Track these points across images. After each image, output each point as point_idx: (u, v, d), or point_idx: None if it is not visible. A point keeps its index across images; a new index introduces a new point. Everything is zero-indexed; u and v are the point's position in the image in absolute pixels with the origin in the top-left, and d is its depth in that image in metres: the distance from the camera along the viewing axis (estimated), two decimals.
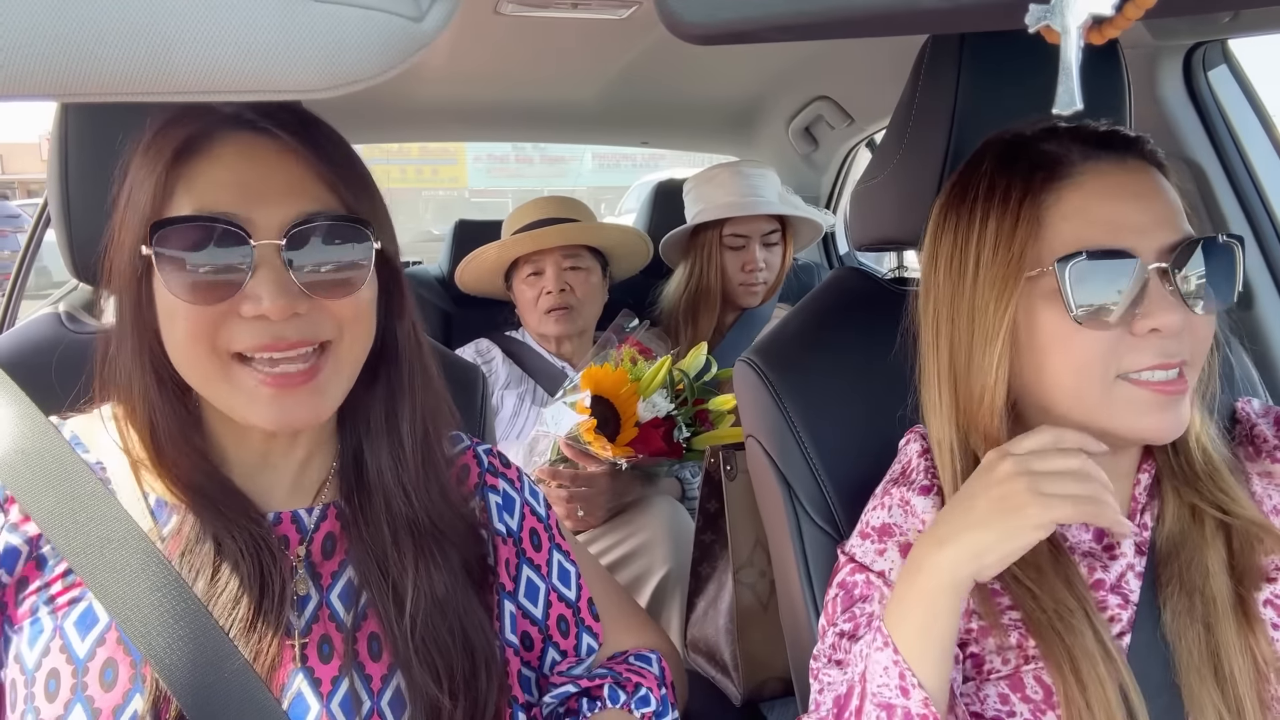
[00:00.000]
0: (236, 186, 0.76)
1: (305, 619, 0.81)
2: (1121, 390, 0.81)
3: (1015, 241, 0.83)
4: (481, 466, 0.97)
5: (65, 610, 0.77)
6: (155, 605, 0.74)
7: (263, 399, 0.76)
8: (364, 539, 0.84)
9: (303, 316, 0.76)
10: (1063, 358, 0.83)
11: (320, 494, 0.87)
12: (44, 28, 0.37)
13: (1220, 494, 0.85)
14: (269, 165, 0.77)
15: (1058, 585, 0.82)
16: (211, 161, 0.76)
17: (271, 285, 0.74)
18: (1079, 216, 0.82)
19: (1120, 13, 0.45)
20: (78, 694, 0.74)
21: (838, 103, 2.39)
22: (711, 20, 0.51)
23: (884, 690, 0.78)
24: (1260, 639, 0.81)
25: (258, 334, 0.75)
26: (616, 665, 0.97)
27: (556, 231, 2.04)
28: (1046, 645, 0.80)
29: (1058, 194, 0.83)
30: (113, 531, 0.75)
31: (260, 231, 0.75)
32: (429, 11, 0.43)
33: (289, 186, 0.77)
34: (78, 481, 0.76)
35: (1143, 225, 0.81)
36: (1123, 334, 0.80)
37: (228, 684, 0.73)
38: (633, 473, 1.75)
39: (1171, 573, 0.84)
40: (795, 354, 1.12)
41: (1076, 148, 0.85)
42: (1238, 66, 1.52)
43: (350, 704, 0.79)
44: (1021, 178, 0.84)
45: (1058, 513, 0.75)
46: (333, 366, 0.79)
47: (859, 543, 0.93)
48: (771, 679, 1.31)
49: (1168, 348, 0.80)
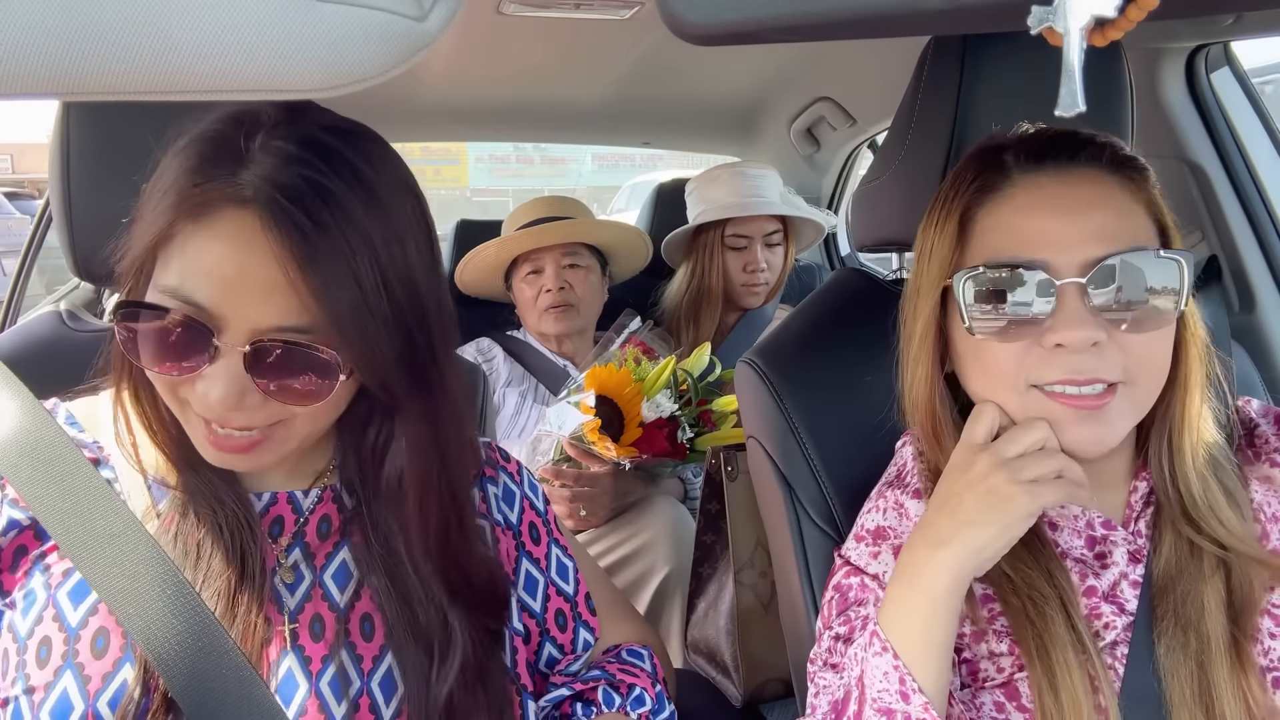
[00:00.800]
0: (219, 279, 0.71)
1: (298, 599, 0.82)
2: (1035, 400, 0.81)
3: (940, 250, 0.86)
4: (481, 460, 0.97)
5: (60, 581, 0.77)
6: (146, 586, 0.75)
7: (205, 447, 0.77)
8: (368, 532, 0.84)
9: (251, 409, 0.74)
10: (976, 365, 0.85)
11: (319, 480, 0.88)
12: (46, 26, 0.37)
13: (1220, 528, 0.84)
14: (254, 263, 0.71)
15: (1035, 574, 0.82)
16: (209, 236, 0.72)
17: (224, 381, 0.72)
18: (999, 230, 0.83)
19: (1123, 14, 0.45)
20: (68, 661, 0.74)
21: (840, 104, 2.39)
22: (713, 21, 0.51)
23: (884, 695, 0.78)
24: (1253, 684, 0.80)
25: (206, 409, 0.74)
26: (609, 665, 0.97)
27: (555, 228, 2.05)
28: (1019, 632, 0.81)
29: (988, 207, 0.85)
30: (106, 520, 0.76)
31: (229, 333, 0.72)
32: (431, 11, 0.43)
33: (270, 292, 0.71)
34: (73, 470, 0.77)
35: (1067, 239, 0.80)
36: (1031, 346, 0.81)
37: (213, 663, 0.74)
38: (636, 473, 1.75)
39: (1167, 606, 0.83)
40: (797, 355, 1.12)
41: (1018, 160, 0.85)
42: (1240, 68, 1.52)
43: (339, 684, 0.79)
44: (964, 187, 0.86)
45: (1046, 498, 0.78)
46: (282, 436, 0.78)
47: (854, 545, 0.93)
48: (772, 680, 1.31)
49: (1076, 364, 0.79)
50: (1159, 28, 1.39)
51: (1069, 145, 0.85)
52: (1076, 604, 0.82)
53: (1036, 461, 0.79)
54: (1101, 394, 0.79)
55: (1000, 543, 0.78)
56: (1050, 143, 0.85)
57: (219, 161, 0.72)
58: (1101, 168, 0.84)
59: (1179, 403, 0.85)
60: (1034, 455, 0.79)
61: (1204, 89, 1.50)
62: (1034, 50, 0.55)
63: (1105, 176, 0.83)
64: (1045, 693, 0.78)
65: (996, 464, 0.79)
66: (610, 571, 1.69)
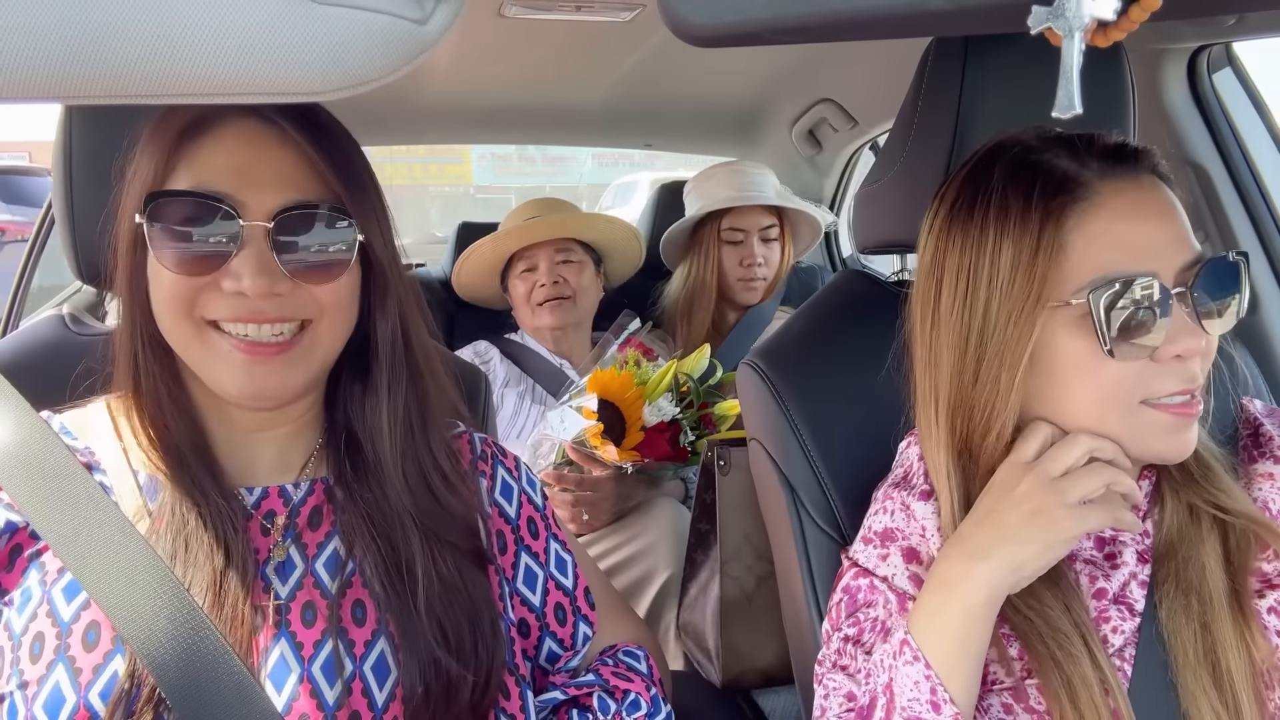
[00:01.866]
0: (233, 169, 0.79)
1: (290, 586, 0.83)
2: (1143, 415, 0.80)
3: (1037, 267, 0.79)
4: (474, 452, 0.98)
5: (55, 578, 0.78)
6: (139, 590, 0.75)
7: (237, 365, 0.80)
8: (358, 515, 0.86)
9: (283, 296, 0.80)
10: (1086, 386, 0.81)
11: (305, 469, 0.90)
12: (48, 30, 0.37)
13: (1218, 491, 0.85)
14: (267, 152, 0.80)
15: (1055, 611, 0.81)
16: (214, 143, 0.80)
17: (254, 264, 0.78)
18: (1102, 240, 0.79)
19: (1124, 16, 0.45)
20: (60, 654, 0.75)
21: (841, 105, 2.39)
22: (715, 22, 0.51)
23: (914, 704, 0.77)
24: (1256, 634, 0.80)
25: (235, 307, 0.79)
26: (604, 669, 0.97)
27: (548, 223, 2.08)
28: (1044, 673, 0.80)
29: (1079, 216, 0.79)
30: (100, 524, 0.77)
31: (250, 213, 0.78)
32: (433, 14, 0.43)
33: (283, 174, 0.80)
34: (67, 475, 0.78)
35: (1162, 246, 0.79)
36: (1148, 361, 0.79)
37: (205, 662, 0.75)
38: (637, 476, 1.75)
39: (1168, 571, 0.84)
40: (799, 357, 1.12)
41: (1092, 164, 0.81)
42: (1242, 69, 1.52)
43: (332, 667, 0.80)
44: (1041, 198, 0.80)
45: (1091, 522, 0.77)
46: (309, 342, 0.83)
47: (862, 548, 0.93)
48: (750, 670, 1.33)
49: (1190, 372, 0.79)
50: (1161, 28, 1.39)
51: (1130, 151, 0.83)
52: (1096, 639, 0.81)
53: (1082, 480, 0.77)
54: (1193, 400, 0.80)
55: (1040, 562, 0.77)
56: (1114, 148, 0.83)
57: None
58: (1156, 175, 0.83)
59: None
60: (1079, 473, 0.78)
61: (1206, 90, 1.50)
62: (1036, 51, 0.55)
63: (1160, 182, 0.83)
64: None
65: (1042, 483, 0.78)
66: (611, 573, 1.69)
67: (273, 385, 0.81)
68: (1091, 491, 0.77)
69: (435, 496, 0.88)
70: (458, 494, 0.90)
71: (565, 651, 0.98)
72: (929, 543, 0.88)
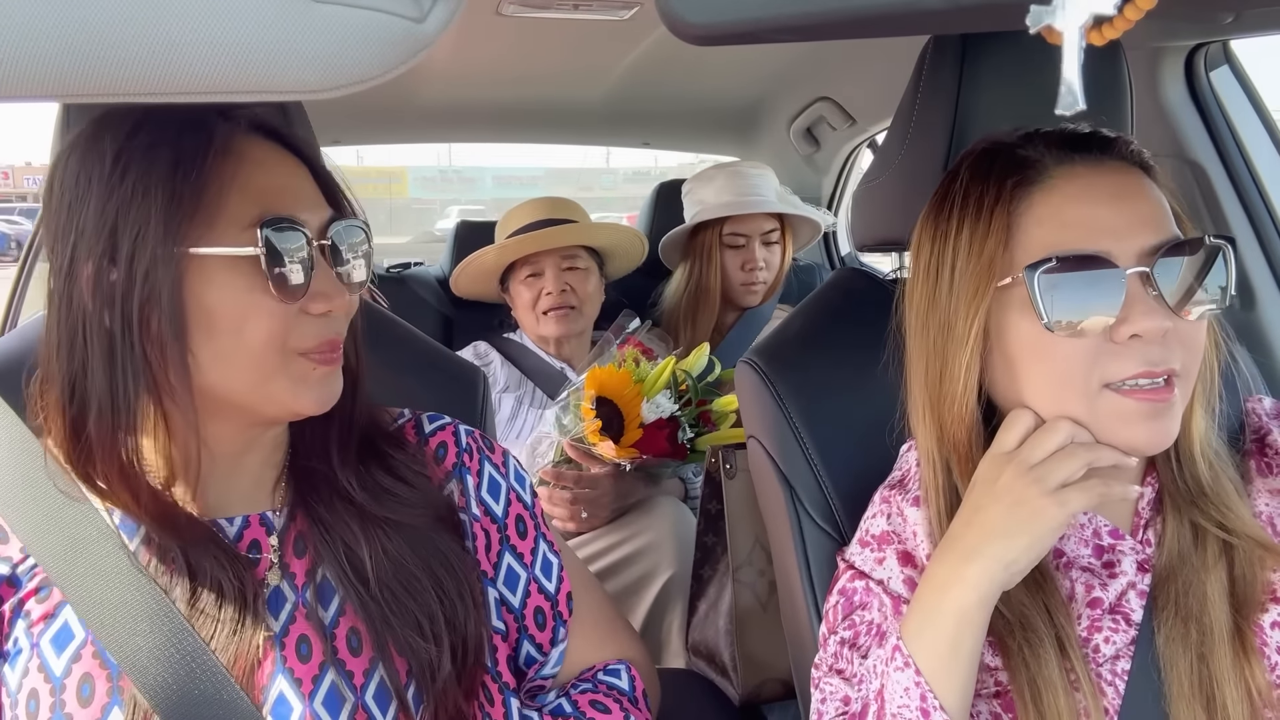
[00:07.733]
0: (282, 190, 0.78)
1: (282, 620, 0.80)
2: (1106, 400, 0.78)
3: (986, 249, 0.81)
4: (459, 446, 0.95)
5: (41, 627, 0.76)
6: (129, 608, 0.74)
7: (308, 385, 0.80)
8: (326, 530, 0.84)
9: (348, 306, 0.82)
10: (1041, 367, 0.80)
11: (277, 492, 0.86)
12: (46, 29, 0.37)
13: (1225, 510, 0.83)
14: (296, 173, 0.81)
15: (1032, 612, 0.80)
16: (253, 167, 0.77)
17: (329, 282, 0.79)
18: (1052, 221, 0.80)
19: (1121, 13, 0.45)
20: (56, 713, 0.73)
21: (839, 103, 2.40)
22: (713, 21, 0.51)
23: (904, 711, 0.77)
24: (1256, 669, 0.79)
25: (326, 325, 0.80)
26: (580, 699, 0.93)
27: (556, 233, 2.04)
28: (1011, 671, 0.79)
29: (1029, 199, 0.81)
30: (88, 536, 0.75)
31: (310, 232, 0.78)
32: (430, 13, 0.43)
33: (314, 191, 0.82)
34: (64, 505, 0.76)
35: (1120, 227, 0.78)
36: (1103, 342, 0.78)
37: (204, 689, 0.73)
38: (636, 474, 1.75)
39: (1168, 597, 0.82)
40: (797, 355, 1.12)
41: (1051, 151, 0.82)
42: (1239, 67, 1.52)
43: (335, 700, 0.78)
44: (995, 183, 0.82)
45: (1073, 505, 0.75)
46: (340, 354, 0.84)
47: (858, 550, 0.92)
48: (771, 680, 1.31)
49: (1151, 355, 0.77)
50: (1158, 26, 1.39)
51: (1097, 140, 0.84)
52: (1074, 643, 0.80)
53: (1061, 464, 0.76)
54: (1168, 386, 0.78)
55: (1031, 555, 0.76)
56: (1077, 137, 0.84)
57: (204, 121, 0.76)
58: (1127, 161, 0.83)
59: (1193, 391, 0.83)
60: (1056, 457, 0.77)
61: (1203, 87, 1.50)
62: (1034, 49, 0.55)
63: (1132, 168, 0.83)
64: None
65: (1021, 472, 0.77)
66: (611, 573, 1.69)
67: (331, 393, 0.82)
68: (1071, 475, 0.76)
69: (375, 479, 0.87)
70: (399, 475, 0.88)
71: (541, 656, 0.95)
72: (920, 549, 0.88)
